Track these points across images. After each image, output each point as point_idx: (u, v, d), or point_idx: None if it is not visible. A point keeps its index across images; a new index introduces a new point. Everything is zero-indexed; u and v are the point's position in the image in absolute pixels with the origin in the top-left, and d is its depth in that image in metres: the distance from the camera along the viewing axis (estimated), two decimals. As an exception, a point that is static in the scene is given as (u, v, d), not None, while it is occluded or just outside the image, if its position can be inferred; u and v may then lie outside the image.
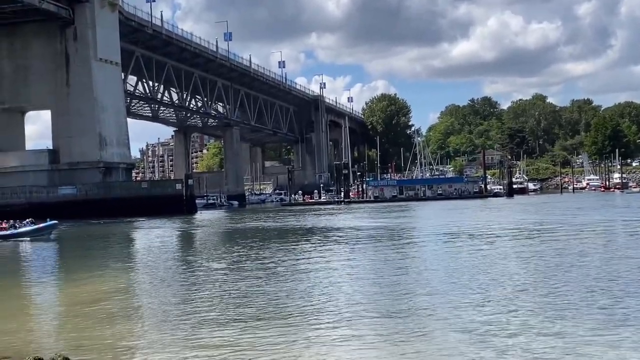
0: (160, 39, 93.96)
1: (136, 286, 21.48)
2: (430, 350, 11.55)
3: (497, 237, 33.62)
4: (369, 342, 12.26)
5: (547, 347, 11.39)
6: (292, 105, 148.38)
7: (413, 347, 11.72)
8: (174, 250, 35.42)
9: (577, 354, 10.90)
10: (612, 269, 20.12)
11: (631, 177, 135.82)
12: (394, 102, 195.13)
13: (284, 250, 30.44)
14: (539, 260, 23.19)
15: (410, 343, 12.00)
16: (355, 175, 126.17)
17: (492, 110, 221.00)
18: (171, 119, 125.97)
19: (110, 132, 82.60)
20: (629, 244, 27.82)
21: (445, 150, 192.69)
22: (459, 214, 58.37)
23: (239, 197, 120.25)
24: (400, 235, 36.86)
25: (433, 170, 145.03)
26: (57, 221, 44.81)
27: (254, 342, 12.45)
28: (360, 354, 11.55)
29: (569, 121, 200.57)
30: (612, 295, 15.68)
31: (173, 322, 14.64)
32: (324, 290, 18.36)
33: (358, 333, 12.89)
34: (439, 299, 16.02)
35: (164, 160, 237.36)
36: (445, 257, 25.73)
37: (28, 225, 43.36)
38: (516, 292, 16.64)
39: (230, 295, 18.05)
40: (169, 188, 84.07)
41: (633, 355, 10.75)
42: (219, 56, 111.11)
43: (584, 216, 47.69)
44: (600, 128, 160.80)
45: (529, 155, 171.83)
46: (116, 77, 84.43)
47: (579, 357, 10.81)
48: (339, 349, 11.88)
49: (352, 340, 12.39)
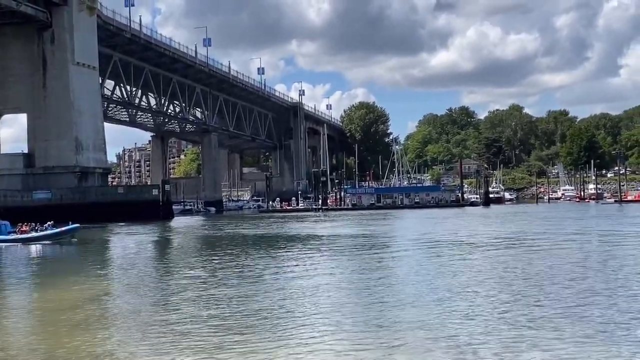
0: (138, 43, 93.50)
1: (109, 294, 21.26)
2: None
3: (474, 246, 33.79)
4: (343, 350, 12.24)
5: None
6: (270, 111, 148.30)
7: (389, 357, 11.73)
8: (147, 258, 35.12)
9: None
10: (587, 280, 20.32)
11: (606, 188, 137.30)
12: (373, 110, 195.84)
13: (260, 258, 30.33)
14: (511, 270, 23.33)
15: (386, 352, 12.01)
16: (333, 183, 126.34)
17: (469, 120, 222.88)
18: (149, 124, 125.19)
19: (87, 136, 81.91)
20: (603, 255, 28.10)
21: (423, 159, 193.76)
22: (435, 223, 58.61)
23: (216, 203, 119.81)
24: (376, 244, 36.89)
25: (411, 179, 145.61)
26: (79, 225, 44.36)
27: (230, 348, 12.38)
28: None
29: (545, 132, 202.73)
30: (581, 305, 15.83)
31: (145, 330, 14.50)
32: (297, 299, 18.30)
33: (332, 342, 12.86)
34: (414, 310, 16.04)
35: (140, 165, 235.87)
36: (420, 267, 25.78)
37: (49, 228, 42.91)
38: (494, 303, 16.71)
39: (206, 302, 17.93)
40: (145, 193, 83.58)
41: None
42: (197, 62, 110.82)
43: (557, 226, 48.12)
44: (575, 139, 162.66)
45: (506, 165, 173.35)
46: (93, 81, 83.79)
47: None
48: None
49: (327, 350, 12.36)
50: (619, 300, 16.61)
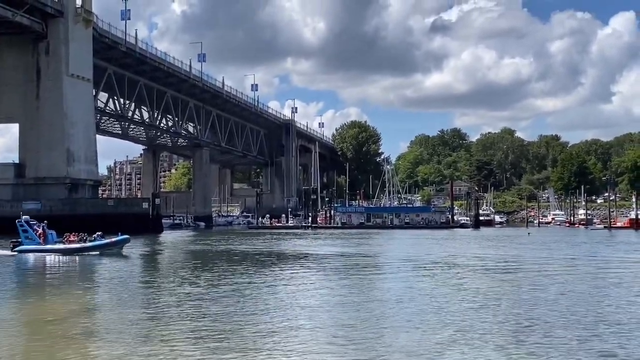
0: (133, 57, 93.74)
1: (95, 307, 21.20)
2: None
3: (461, 270, 33.89)
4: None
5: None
6: (263, 128, 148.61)
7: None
8: (133, 271, 35.02)
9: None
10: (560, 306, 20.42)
11: (595, 213, 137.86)
12: (365, 129, 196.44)
13: (247, 275, 30.32)
14: (496, 294, 23.43)
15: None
16: (323, 201, 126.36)
17: (461, 142, 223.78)
18: (141, 137, 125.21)
19: (79, 148, 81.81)
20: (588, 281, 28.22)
21: (414, 180, 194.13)
22: (425, 244, 58.67)
23: (205, 218, 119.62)
24: (363, 265, 36.91)
25: (401, 199, 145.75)
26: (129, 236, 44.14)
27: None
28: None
29: (536, 156, 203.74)
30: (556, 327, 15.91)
31: (131, 343, 14.49)
32: (281, 317, 18.31)
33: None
34: (400, 334, 16.09)
35: (131, 178, 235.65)
36: (407, 292, 25.82)
37: (98, 239, 42.51)
38: (477, 332, 16.78)
39: (190, 317, 17.92)
40: (135, 207, 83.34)
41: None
42: (192, 76, 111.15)
43: (546, 251, 48.30)
44: (566, 164, 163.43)
45: (496, 188, 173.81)
46: (87, 93, 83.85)
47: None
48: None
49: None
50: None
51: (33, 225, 42.90)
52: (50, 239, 42.56)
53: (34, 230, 42.49)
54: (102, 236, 42.88)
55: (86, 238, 42.58)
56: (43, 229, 42.67)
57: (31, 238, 42.25)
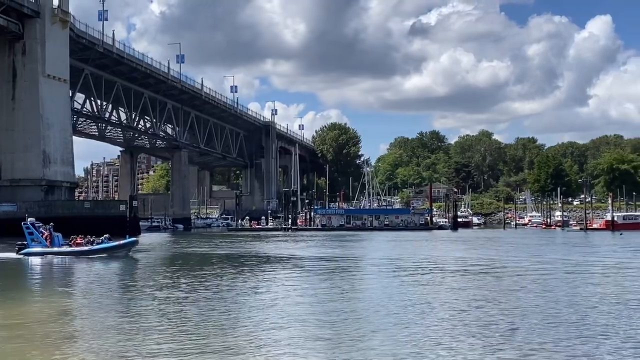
0: (110, 57, 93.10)
1: (71, 311, 20.93)
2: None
3: (440, 271, 33.99)
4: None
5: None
6: (242, 130, 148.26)
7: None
8: (111, 275, 34.67)
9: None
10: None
11: (572, 215, 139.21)
12: (345, 131, 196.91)
13: (227, 277, 30.15)
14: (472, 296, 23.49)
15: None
16: (303, 203, 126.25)
17: (439, 144, 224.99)
18: (118, 138, 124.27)
19: (55, 149, 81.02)
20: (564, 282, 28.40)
21: (393, 182, 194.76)
22: (404, 247, 58.82)
23: (184, 220, 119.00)
24: (343, 267, 36.87)
25: (381, 201, 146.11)
26: (137, 238, 43.24)
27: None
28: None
29: (513, 158, 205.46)
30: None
31: (106, 347, 14.30)
32: (262, 320, 18.21)
33: None
34: (380, 337, 16.05)
35: (108, 180, 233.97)
36: (386, 292, 25.82)
37: (105, 241, 42.01)
38: (452, 330, 16.78)
39: (166, 321, 17.74)
40: (112, 209, 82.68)
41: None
42: (170, 77, 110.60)
43: (516, 253, 48.61)
44: (543, 166, 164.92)
45: (474, 190, 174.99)
46: (64, 94, 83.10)
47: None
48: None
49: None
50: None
51: (39, 227, 42.35)
52: (57, 242, 42.03)
53: (40, 233, 41.94)
54: (109, 239, 42.57)
55: (93, 241, 42.20)
56: (49, 232, 42.13)
57: (38, 240, 41.64)
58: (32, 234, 41.82)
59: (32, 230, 41.90)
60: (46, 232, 42.07)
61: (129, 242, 42.85)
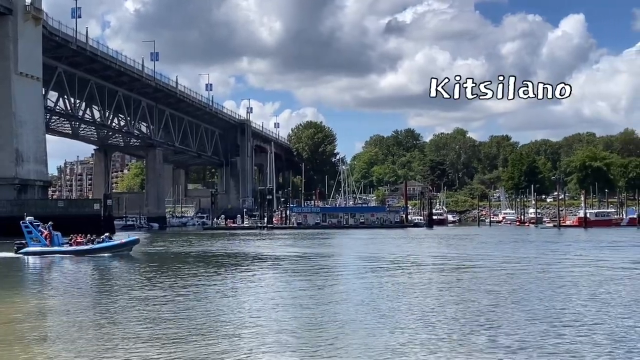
0: (84, 55, 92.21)
1: (45, 311, 20.78)
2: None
3: (414, 268, 34.23)
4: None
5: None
6: (217, 128, 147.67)
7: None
8: (85, 276, 34.43)
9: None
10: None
11: (545, 212, 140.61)
12: (321, 129, 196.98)
13: (203, 276, 30.10)
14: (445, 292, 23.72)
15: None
16: (279, 201, 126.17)
17: (414, 142, 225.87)
18: (92, 137, 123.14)
19: (28, 148, 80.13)
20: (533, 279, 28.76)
21: (369, 180, 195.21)
22: (380, 244, 59.09)
23: (159, 219, 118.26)
24: (320, 266, 36.98)
25: (356, 199, 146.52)
26: (139, 237, 43.45)
27: None
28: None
29: (487, 156, 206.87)
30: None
31: (81, 347, 14.23)
32: (234, 319, 18.23)
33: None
34: (353, 332, 16.14)
35: (82, 179, 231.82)
36: (359, 289, 25.97)
37: (106, 240, 41.81)
38: (425, 324, 16.94)
39: (145, 321, 17.69)
40: (86, 208, 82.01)
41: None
42: (144, 75, 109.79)
43: (491, 250, 49.09)
44: (517, 164, 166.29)
45: (449, 188, 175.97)
46: (36, 92, 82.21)
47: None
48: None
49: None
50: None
51: (37, 226, 41.96)
52: (56, 241, 41.71)
53: (39, 232, 41.52)
54: (109, 237, 42.56)
55: (94, 239, 41.96)
56: (49, 230, 41.81)
57: (37, 240, 41.27)
58: (31, 233, 41.46)
59: (31, 229, 41.54)
60: (45, 231, 41.80)
61: (130, 240, 42.88)
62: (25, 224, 41.87)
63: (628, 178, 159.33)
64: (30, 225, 41.70)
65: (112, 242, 42.08)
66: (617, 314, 18.72)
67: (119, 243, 42.22)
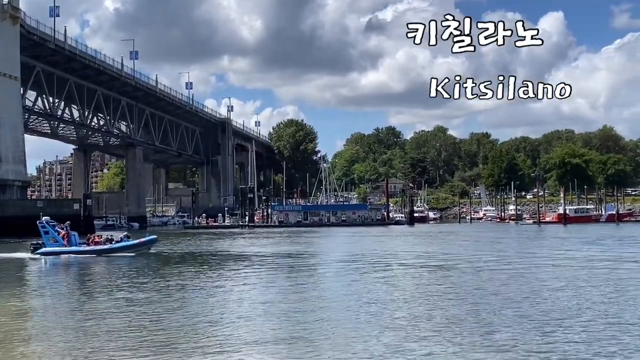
0: (62, 54, 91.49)
1: (28, 311, 20.60)
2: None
3: (396, 266, 34.33)
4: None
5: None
6: (198, 127, 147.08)
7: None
8: (65, 275, 34.16)
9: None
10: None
11: (525, 209, 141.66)
12: (302, 128, 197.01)
13: (185, 277, 29.98)
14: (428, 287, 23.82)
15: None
16: (260, 200, 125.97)
17: (395, 139, 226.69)
18: (71, 136, 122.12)
19: (6, 148, 79.45)
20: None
21: (350, 177, 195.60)
22: (362, 242, 59.24)
23: (140, 218, 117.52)
24: (300, 264, 36.97)
25: (338, 197, 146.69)
26: (156, 236, 43.53)
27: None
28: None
29: (467, 153, 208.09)
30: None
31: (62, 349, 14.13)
32: (216, 318, 18.19)
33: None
34: (336, 328, 16.16)
35: (61, 179, 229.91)
36: (343, 287, 26.01)
37: (125, 239, 41.55)
38: (408, 319, 17.00)
39: (127, 324, 17.59)
40: (65, 208, 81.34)
41: None
42: (123, 74, 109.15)
43: (479, 247, 49.41)
44: (497, 161, 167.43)
45: (430, 185, 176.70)
46: (15, 91, 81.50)
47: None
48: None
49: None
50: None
51: (54, 226, 41.52)
52: (74, 241, 41.29)
53: (56, 232, 41.07)
54: (128, 237, 42.33)
55: (112, 239, 41.71)
56: (66, 230, 41.42)
57: (55, 240, 40.76)
58: (49, 233, 40.94)
59: (48, 229, 41.02)
60: (63, 231, 41.37)
61: (148, 239, 42.91)
62: (42, 224, 41.40)
63: (607, 175, 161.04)
64: (47, 225, 41.24)
65: (131, 242, 41.89)
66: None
67: (137, 242, 42.19)
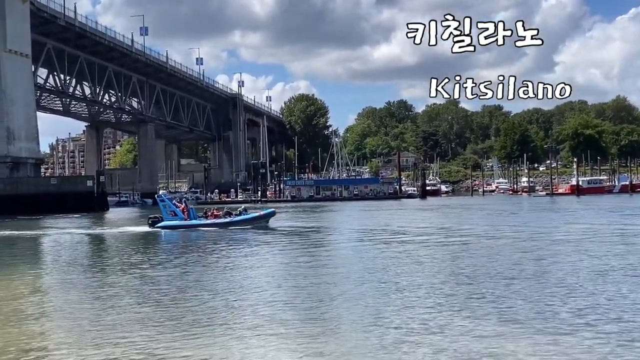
0: (73, 31, 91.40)
1: (43, 288, 20.78)
2: (345, 350, 11.67)
3: (411, 239, 34.36)
4: (284, 345, 12.29)
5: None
6: (209, 102, 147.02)
7: (329, 348, 11.82)
8: (80, 250, 34.43)
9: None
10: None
11: (538, 181, 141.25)
12: (313, 102, 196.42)
13: (196, 251, 30.14)
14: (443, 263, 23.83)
15: (326, 344, 12.10)
16: (272, 175, 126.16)
17: (407, 113, 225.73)
18: (83, 113, 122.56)
19: (19, 126, 79.80)
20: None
21: (362, 152, 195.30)
22: (374, 216, 59.26)
23: (153, 195, 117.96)
24: (316, 239, 37.07)
25: (350, 171, 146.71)
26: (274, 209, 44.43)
27: (167, 345, 12.28)
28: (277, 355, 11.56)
29: (480, 126, 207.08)
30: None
31: (81, 325, 14.24)
32: (236, 292, 18.29)
33: (273, 335, 12.90)
34: (355, 303, 16.21)
35: (74, 156, 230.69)
36: (360, 260, 26.07)
37: (244, 213, 42.25)
38: (426, 293, 17.02)
39: (142, 301, 17.72)
40: (79, 184, 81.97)
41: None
42: (134, 50, 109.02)
43: (493, 219, 49.28)
44: (509, 133, 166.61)
45: (442, 158, 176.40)
46: (26, 69, 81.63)
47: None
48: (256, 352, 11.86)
49: (269, 344, 12.38)
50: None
51: (172, 200, 42.32)
52: (193, 214, 41.72)
53: (175, 206, 41.57)
54: (245, 210, 43.03)
55: (232, 212, 42.38)
56: (185, 204, 42.12)
57: (174, 213, 41.07)
58: (168, 207, 41.31)
59: (167, 203, 41.46)
60: (182, 205, 41.99)
61: (267, 212, 43.39)
62: (161, 198, 42.23)
63: (620, 145, 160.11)
64: (166, 199, 41.87)
65: (251, 215, 42.54)
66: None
67: (258, 215, 42.74)
